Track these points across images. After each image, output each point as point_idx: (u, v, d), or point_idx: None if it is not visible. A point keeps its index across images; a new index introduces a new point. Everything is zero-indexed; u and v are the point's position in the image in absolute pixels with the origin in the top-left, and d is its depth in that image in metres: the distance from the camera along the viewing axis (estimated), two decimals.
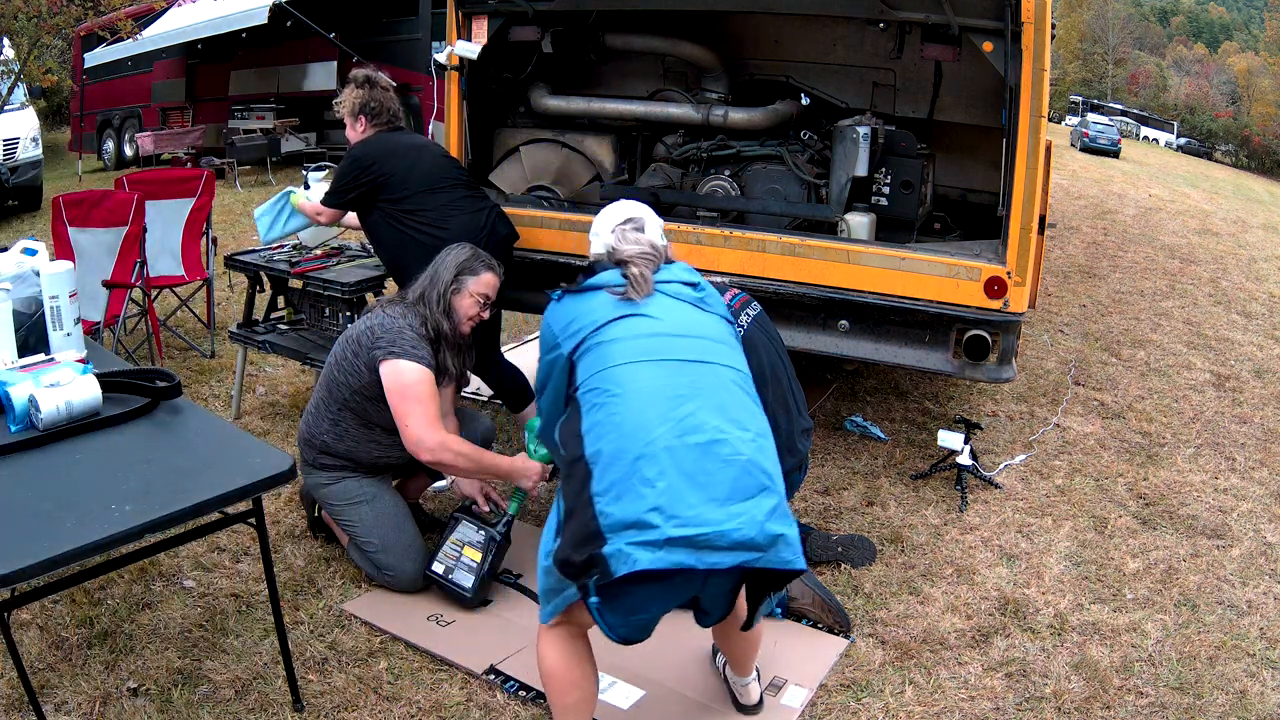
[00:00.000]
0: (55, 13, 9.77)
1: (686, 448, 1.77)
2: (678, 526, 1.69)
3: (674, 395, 1.86)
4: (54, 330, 2.64)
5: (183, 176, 5.47)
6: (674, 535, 1.68)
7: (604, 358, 1.94)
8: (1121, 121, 35.83)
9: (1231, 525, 3.50)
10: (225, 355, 5.01)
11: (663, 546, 1.68)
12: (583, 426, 1.87)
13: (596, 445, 1.82)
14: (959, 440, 3.63)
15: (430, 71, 10.40)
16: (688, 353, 1.97)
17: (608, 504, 1.74)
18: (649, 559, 1.68)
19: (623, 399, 1.85)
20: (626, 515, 1.71)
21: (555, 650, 2.06)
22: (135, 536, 1.89)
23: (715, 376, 1.95)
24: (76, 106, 15.12)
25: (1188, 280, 7.48)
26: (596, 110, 4.23)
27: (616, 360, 1.93)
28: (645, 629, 1.94)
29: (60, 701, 2.37)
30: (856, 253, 3.47)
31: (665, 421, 1.80)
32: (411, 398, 2.68)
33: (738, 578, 1.88)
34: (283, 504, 3.42)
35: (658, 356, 1.93)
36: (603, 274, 2.13)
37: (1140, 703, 2.51)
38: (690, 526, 1.69)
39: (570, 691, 2.06)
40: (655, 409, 1.82)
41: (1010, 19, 3.08)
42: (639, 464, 1.75)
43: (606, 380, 1.90)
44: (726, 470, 1.77)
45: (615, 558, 1.70)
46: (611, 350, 1.95)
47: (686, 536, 1.68)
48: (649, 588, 1.76)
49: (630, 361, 1.92)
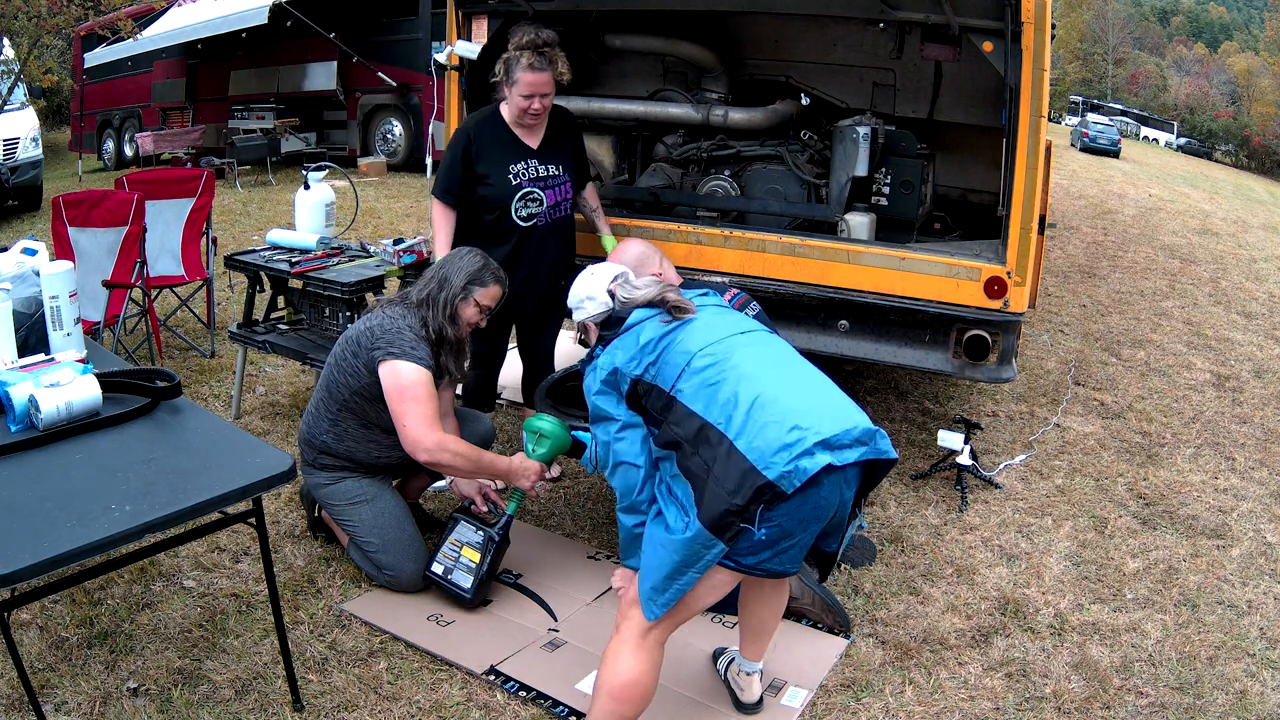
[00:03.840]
0: (55, 13, 9.77)
1: (789, 382, 2.05)
2: (815, 434, 1.91)
3: (761, 355, 2.12)
4: (54, 330, 2.64)
5: (183, 176, 5.47)
6: (816, 441, 1.90)
7: (684, 352, 2.10)
8: (1121, 121, 35.85)
9: (1231, 525, 3.50)
10: (225, 355, 5.01)
11: (814, 453, 1.89)
12: (692, 406, 2.02)
13: (714, 407, 1.99)
14: (959, 440, 3.63)
15: (430, 71, 10.42)
16: (753, 328, 2.23)
17: (751, 441, 1.91)
18: (811, 464, 1.88)
19: (721, 365, 2.05)
20: (772, 442, 1.90)
21: (648, 659, 2.06)
22: (135, 536, 1.89)
23: (781, 343, 2.25)
24: (76, 106, 15.14)
25: (1188, 280, 7.48)
26: (596, 110, 4.23)
27: (698, 345, 2.10)
28: (796, 560, 2.05)
29: (60, 701, 2.37)
30: (856, 253, 3.47)
31: (764, 367, 2.07)
32: (410, 398, 2.68)
33: (858, 478, 2.06)
34: (283, 504, 3.42)
35: (734, 331, 2.17)
36: (634, 315, 2.23)
37: (1140, 703, 2.51)
38: (824, 431, 1.92)
39: (644, 704, 2.07)
40: (751, 363, 2.07)
41: (1010, 19, 3.07)
42: (760, 403, 1.96)
43: (699, 360, 2.07)
44: (824, 391, 2.08)
45: (785, 476, 1.87)
46: (688, 342, 2.12)
47: (824, 440, 1.91)
48: (801, 506, 1.93)
49: (712, 342, 2.11)
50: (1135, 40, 58.38)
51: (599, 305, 2.30)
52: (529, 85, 3.25)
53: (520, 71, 3.24)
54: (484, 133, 3.41)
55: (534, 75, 3.23)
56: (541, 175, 3.42)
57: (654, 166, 4.28)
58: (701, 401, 2.02)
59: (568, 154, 3.53)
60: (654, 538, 2.06)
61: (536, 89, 3.26)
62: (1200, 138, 45.25)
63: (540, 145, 3.43)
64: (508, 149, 3.40)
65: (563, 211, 3.52)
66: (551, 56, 3.25)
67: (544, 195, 3.42)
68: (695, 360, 2.08)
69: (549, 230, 3.47)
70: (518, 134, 3.40)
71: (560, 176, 3.47)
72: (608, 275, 2.34)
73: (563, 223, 3.55)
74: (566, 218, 3.56)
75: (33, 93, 11.37)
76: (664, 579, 2.02)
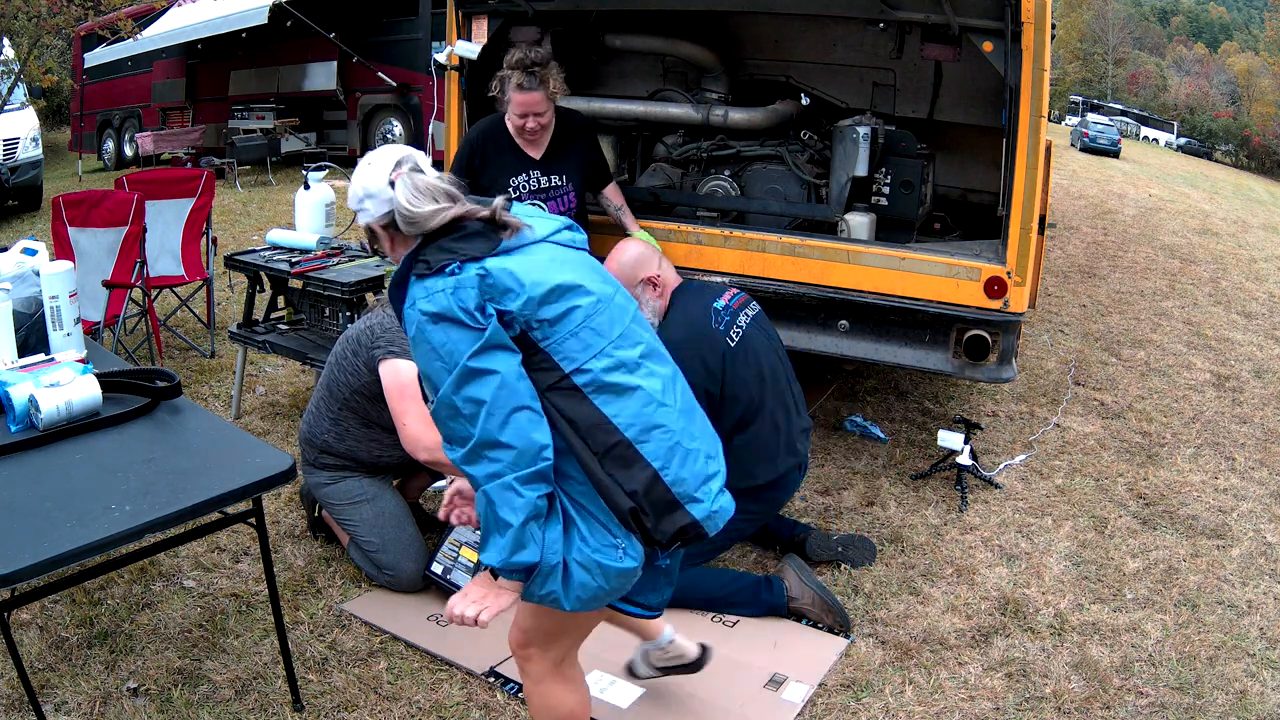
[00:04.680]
0: (55, 13, 9.78)
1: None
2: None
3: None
4: (54, 330, 2.64)
5: (183, 176, 5.47)
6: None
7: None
8: (1121, 121, 35.84)
9: (1231, 525, 3.50)
10: (225, 355, 5.01)
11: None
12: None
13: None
14: (959, 440, 3.63)
15: (430, 71, 10.41)
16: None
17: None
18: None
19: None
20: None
21: (574, 684, 1.94)
22: (135, 536, 1.89)
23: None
24: (76, 106, 15.13)
25: (1188, 280, 7.48)
26: (597, 110, 4.23)
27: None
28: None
29: (60, 701, 2.37)
30: (856, 253, 3.47)
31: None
32: (409, 396, 2.68)
33: None
34: (283, 504, 3.42)
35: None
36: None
37: (1140, 703, 2.51)
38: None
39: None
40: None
41: (1010, 19, 3.08)
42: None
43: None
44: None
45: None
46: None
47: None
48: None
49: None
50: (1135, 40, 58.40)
51: (381, 204, 1.74)
52: (521, 105, 3.27)
53: (511, 91, 3.26)
54: (487, 143, 3.42)
55: (524, 95, 3.25)
56: (543, 187, 3.42)
57: (654, 166, 4.28)
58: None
59: (574, 162, 3.52)
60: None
61: (529, 108, 3.28)
62: (1200, 138, 45.26)
63: (543, 156, 3.43)
64: (509, 161, 3.41)
65: None
66: (543, 76, 3.25)
67: (545, 207, 3.41)
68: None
69: None
70: (520, 145, 3.40)
71: (563, 186, 3.47)
72: (389, 162, 1.76)
73: None
74: None
75: (33, 93, 11.38)
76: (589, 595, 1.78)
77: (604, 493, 1.66)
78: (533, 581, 1.67)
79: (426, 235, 1.69)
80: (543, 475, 1.61)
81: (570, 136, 3.52)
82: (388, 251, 1.80)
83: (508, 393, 1.60)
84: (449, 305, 1.60)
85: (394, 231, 1.75)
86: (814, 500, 3.59)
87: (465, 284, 1.61)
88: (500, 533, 1.60)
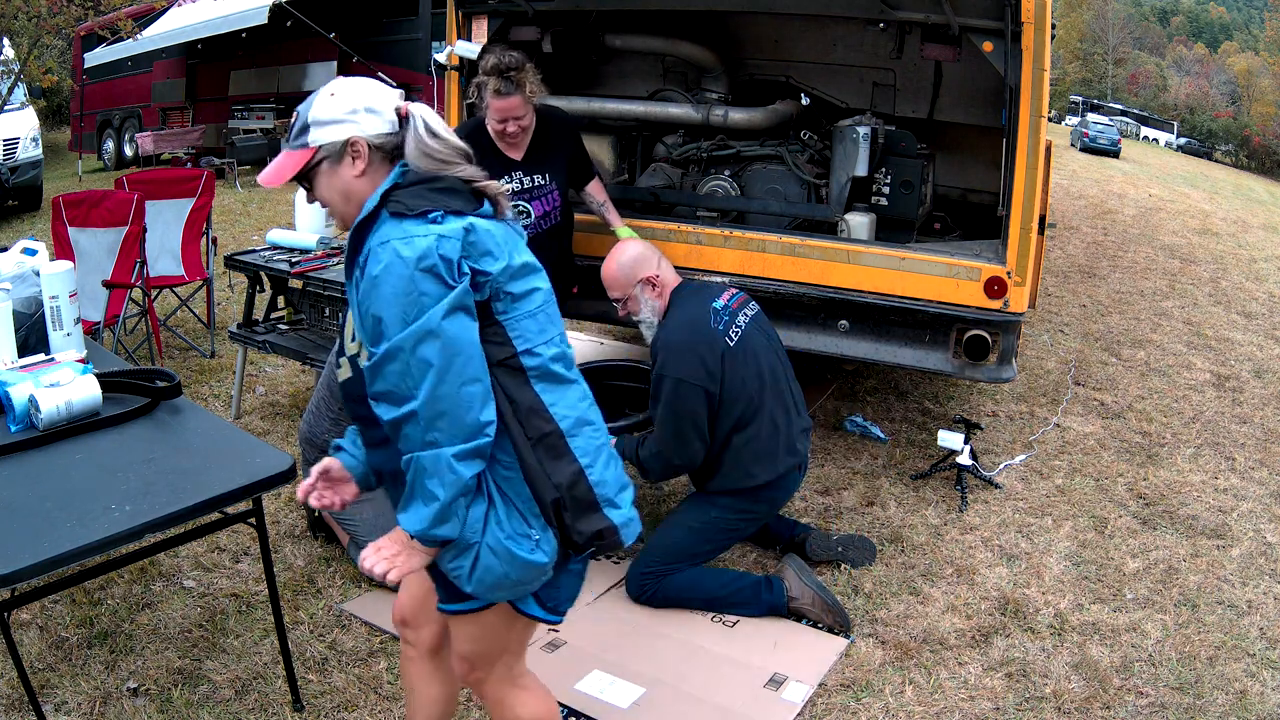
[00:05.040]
0: (55, 13, 9.77)
1: None
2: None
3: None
4: (54, 330, 2.64)
5: (183, 176, 5.47)
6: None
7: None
8: (1121, 121, 35.85)
9: (1231, 525, 3.50)
10: (225, 355, 5.01)
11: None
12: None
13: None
14: (959, 440, 3.63)
15: (430, 71, 10.41)
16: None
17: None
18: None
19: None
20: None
21: (531, 693, 1.87)
22: (135, 536, 1.89)
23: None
24: (76, 106, 15.13)
25: (1188, 280, 7.48)
26: (596, 110, 4.23)
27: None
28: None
29: (60, 701, 2.37)
30: (856, 253, 3.47)
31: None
32: None
33: None
34: (283, 504, 3.42)
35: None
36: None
37: (1140, 703, 2.51)
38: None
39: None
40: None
41: (1010, 19, 3.08)
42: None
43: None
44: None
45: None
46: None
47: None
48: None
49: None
50: (1135, 40, 58.41)
51: (385, 122, 1.66)
52: (499, 111, 3.25)
53: (489, 97, 3.24)
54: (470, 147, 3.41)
55: (502, 101, 3.22)
56: (526, 187, 3.41)
57: (654, 166, 4.28)
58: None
59: (557, 161, 3.51)
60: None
61: (507, 113, 3.25)
62: (1200, 138, 45.26)
63: (525, 157, 3.42)
64: (491, 163, 3.38)
65: (554, 220, 3.51)
66: (519, 79, 3.23)
67: (530, 207, 3.41)
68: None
69: (543, 240, 3.47)
70: (501, 147, 3.38)
71: (547, 186, 3.46)
72: (391, 93, 1.71)
73: (556, 231, 3.54)
74: (559, 225, 3.56)
75: (33, 93, 11.37)
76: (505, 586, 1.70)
77: (532, 480, 1.62)
78: (445, 552, 1.61)
79: (406, 180, 1.61)
80: (480, 453, 1.54)
81: (551, 135, 3.51)
82: (350, 176, 1.64)
83: (463, 361, 1.52)
84: (428, 253, 1.52)
85: (374, 155, 1.64)
86: (814, 500, 3.59)
87: (451, 235, 1.55)
88: (425, 503, 1.53)
